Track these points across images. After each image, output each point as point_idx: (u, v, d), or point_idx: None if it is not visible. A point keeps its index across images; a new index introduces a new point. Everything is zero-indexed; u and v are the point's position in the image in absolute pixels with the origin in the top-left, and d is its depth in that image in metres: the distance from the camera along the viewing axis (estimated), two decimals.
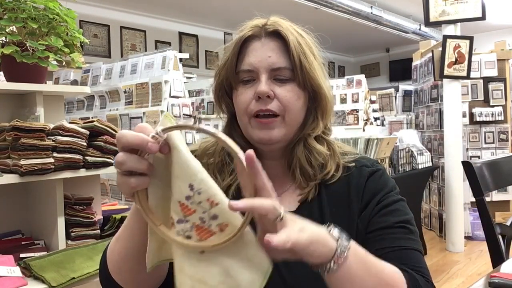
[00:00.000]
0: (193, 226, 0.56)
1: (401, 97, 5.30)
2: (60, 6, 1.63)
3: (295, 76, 0.77)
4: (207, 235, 0.56)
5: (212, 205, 0.55)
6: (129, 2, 7.00)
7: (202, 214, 0.55)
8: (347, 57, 12.17)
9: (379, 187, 0.81)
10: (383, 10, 7.66)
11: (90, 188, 1.85)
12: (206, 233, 0.56)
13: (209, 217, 0.55)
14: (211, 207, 0.55)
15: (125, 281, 0.72)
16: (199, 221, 0.55)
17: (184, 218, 0.56)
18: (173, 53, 3.32)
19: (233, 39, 0.82)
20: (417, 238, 0.78)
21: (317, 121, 0.82)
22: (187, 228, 0.56)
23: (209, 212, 0.55)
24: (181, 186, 0.55)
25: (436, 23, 3.82)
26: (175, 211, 0.56)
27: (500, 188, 1.43)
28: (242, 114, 0.79)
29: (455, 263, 3.52)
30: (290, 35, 0.77)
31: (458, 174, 3.74)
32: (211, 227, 0.55)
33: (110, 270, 0.73)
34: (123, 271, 0.71)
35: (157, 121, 3.19)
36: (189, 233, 0.56)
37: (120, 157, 0.56)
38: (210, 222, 0.55)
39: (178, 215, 0.56)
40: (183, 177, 0.55)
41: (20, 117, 1.58)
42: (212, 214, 0.55)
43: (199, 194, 0.55)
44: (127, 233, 0.69)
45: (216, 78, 0.84)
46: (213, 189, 0.55)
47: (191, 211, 0.55)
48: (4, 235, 1.66)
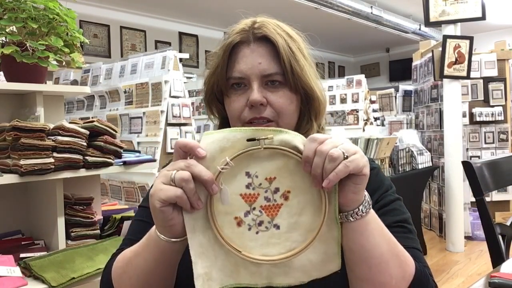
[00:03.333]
0: (261, 209, 0.60)
1: (401, 97, 5.30)
2: (60, 6, 1.62)
3: (287, 81, 0.77)
4: (276, 210, 0.60)
5: (271, 180, 0.60)
6: (129, 2, 7.00)
7: (265, 194, 0.60)
8: (347, 57, 12.17)
9: (375, 186, 0.80)
10: (383, 10, 7.66)
11: (90, 188, 1.85)
12: (274, 209, 0.60)
13: (272, 193, 0.60)
14: (270, 183, 0.60)
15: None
16: (265, 201, 0.60)
17: (250, 207, 0.60)
18: (173, 53, 3.32)
19: (221, 44, 0.81)
20: (415, 237, 0.78)
21: (310, 122, 0.82)
22: (256, 215, 0.60)
23: (270, 189, 0.60)
24: (238, 178, 0.60)
25: (436, 23, 3.82)
26: (238, 206, 0.60)
27: (500, 188, 1.43)
28: (235, 121, 0.79)
29: (455, 263, 3.52)
30: (279, 39, 0.77)
31: (458, 174, 3.74)
32: (276, 201, 0.60)
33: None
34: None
35: (157, 121, 3.20)
36: (260, 219, 0.61)
37: (186, 175, 0.58)
38: (274, 197, 0.60)
39: (243, 208, 0.60)
40: (237, 168, 0.59)
41: (20, 117, 1.58)
42: (273, 189, 0.60)
43: (257, 177, 0.60)
44: (141, 262, 0.68)
45: (206, 84, 0.84)
46: (265, 167, 0.60)
47: (255, 196, 0.60)
48: (4, 235, 1.66)
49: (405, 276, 0.66)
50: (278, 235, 0.61)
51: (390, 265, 0.64)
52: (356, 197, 0.60)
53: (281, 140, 0.59)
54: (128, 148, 2.55)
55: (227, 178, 0.59)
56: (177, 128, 3.27)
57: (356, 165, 0.57)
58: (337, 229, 0.62)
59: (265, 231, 0.61)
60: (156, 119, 3.20)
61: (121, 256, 0.74)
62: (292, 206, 0.61)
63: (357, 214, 0.61)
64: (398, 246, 0.67)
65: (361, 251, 0.63)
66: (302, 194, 0.60)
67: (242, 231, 0.60)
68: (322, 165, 0.57)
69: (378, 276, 0.64)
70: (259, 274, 0.62)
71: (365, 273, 0.64)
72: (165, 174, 0.59)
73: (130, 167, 1.72)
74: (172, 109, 3.23)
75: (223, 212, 0.60)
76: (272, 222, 0.60)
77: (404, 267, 0.66)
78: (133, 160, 1.73)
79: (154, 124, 3.21)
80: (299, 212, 0.61)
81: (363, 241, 0.62)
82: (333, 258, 0.62)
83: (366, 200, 0.62)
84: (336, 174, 0.57)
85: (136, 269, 0.69)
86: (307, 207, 0.61)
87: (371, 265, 0.64)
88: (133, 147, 3.22)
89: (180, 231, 0.61)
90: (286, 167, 0.60)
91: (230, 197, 0.60)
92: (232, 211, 0.60)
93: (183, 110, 3.30)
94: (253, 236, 0.61)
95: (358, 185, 0.59)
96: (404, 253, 0.68)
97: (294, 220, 0.61)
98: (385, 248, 0.64)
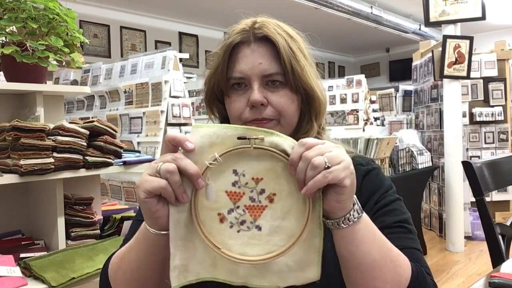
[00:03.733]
0: (245, 209, 0.60)
1: (401, 97, 5.30)
2: (60, 6, 1.62)
3: (287, 81, 0.77)
4: (259, 211, 0.60)
5: (258, 181, 0.60)
6: (129, 2, 7.00)
7: (250, 194, 0.60)
8: (347, 57, 12.16)
9: (375, 187, 0.81)
10: (383, 10, 7.66)
11: (90, 188, 1.85)
12: (258, 210, 0.60)
13: (257, 194, 0.60)
14: (256, 183, 0.60)
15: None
16: (249, 201, 0.60)
17: (234, 205, 0.60)
18: (173, 53, 3.32)
19: (221, 44, 0.81)
20: (416, 237, 0.78)
21: (311, 122, 0.82)
22: (239, 213, 0.60)
23: (256, 189, 0.60)
24: (225, 175, 0.59)
25: (436, 23, 3.82)
26: (223, 203, 0.60)
27: (500, 188, 1.43)
28: (236, 121, 0.79)
29: (455, 263, 3.52)
30: (280, 39, 0.77)
31: (458, 174, 3.74)
32: (261, 202, 0.60)
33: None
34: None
35: (157, 121, 3.19)
36: (242, 218, 0.60)
37: (171, 167, 0.58)
38: (259, 198, 0.60)
39: (227, 205, 0.60)
40: (225, 165, 0.59)
41: (20, 117, 1.58)
42: (259, 189, 0.60)
43: (244, 175, 0.60)
44: (134, 257, 0.69)
45: (207, 85, 0.84)
46: (253, 166, 0.59)
47: (240, 195, 0.60)
48: (4, 235, 1.66)
49: (401, 280, 0.66)
50: (259, 236, 0.60)
51: (383, 271, 0.64)
52: (340, 205, 0.60)
53: (271, 142, 0.59)
54: (128, 148, 2.55)
55: (214, 173, 0.60)
56: (177, 128, 3.27)
57: (335, 176, 0.57)
58: (319, 237, 0.61)
59: (246, 231, 0.61)
60: (156, 119, 3.20)
61: (117, 253, 0.75)
62: (276, 210, 0.60)
63: (348, 221, 0.61)
64: (393, 251, 0.67)
65: (351, 257, 0.63)
66: (287, 199, 0.60)
67: (224, 228, 0.60)
68: (305, 171, 0.57)
69: (372, 282, 0.64)
70: (236, 272, 0.62)
71: (358, 278, 0.65)
72: (152, 166, 0.60)
73: (130, 167, 1.72)
74: (172, 109, 3.23)
75: (207, 207, 0.60)
76: (254, 222, 0.60)
77: (400, 272, 0.66)
78: (133, 160, 1.73)
79: (154, 124, 3.21)
80: (282, 216, 0.60)
81: (353, 248, 0.63)
82: (312, 267, 0.62)
83: (354, 209, 0.62)
84: (314, 183, 0.57)
85: (129, 263, 0.69)
86: (291, 211, 0.60)
87: (363, 271, 0.64)
88: (133, 147, 3.22)
89: (167, 224, 0.62)
90: (273, 170, 0.60)
91: (216, 193, 0.60)
92: (216, 207, 0.60)
93: (183, 110, 3.30)
94: (234, 235, 0.61)
95: (340, 195, 0.59)
96: (399, 257, 0.67)
97: (277, 224, 0.60)
98: (377, 254, 0.64)
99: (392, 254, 0.66)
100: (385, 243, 0.66)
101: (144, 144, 3.26)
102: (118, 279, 0.72)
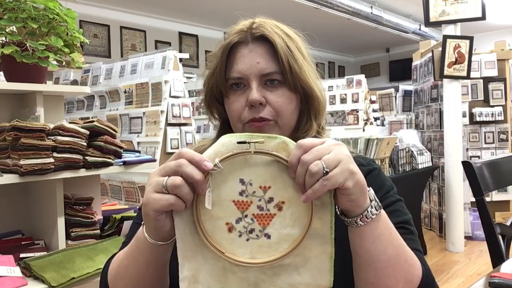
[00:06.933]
0: (253, 217, 0.60)
1: (401, 97, 5.30)
2: (60, 6, 1.62)
3: (286, 80, 0.77)
4: (268, 220, 0.60)
5: (265, 190, 0.59)
6: (129, 2, 6.99)
7: (258, 203, 0.59)
8: (347, 57, 12.16)
9: (376, 188, 0.80)
10: (383, 10, 7.66)
11: (90, 188, 1.85)
12: (266, 218, 0.60)
13: (265, 203, 0.59)
14: (264, 192, 0.59)
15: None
16: (258, 210, 0.59)
17: (242, 214, 0.60)
18: (173, 53, 3.33)
19: (219, 45, 0.81)
20: (417, 238, 0.78)
21: (310, 122, 0.82)
22: (248, 222, 0.60)
23: (264, 198, 0.59)
24: (232, 184, 0.59)
25: (436, 23, 3.81)
26: (231, 212, 0.60)
27: (500, 188, 1.43)
28: (236, 122, 0.79)
29: (455, 263, 3.52)
30: (277, 39, 0.76)
31: (458, 174, 3.74)
32: (269, 211, 0.59)
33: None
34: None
35: (157, 121, 3.19)
36: (251, 226, 0.60)
37: (179, 181, 0.57)
38: (267, 207, 0.59)
39: (235, 214, 0.60)
40: (231, 174, 0.59)
41: (20, 117, 1.58)
42: (267, 198, 0.59)
43: (251, 184, 0.59)
44: (133, 263, 0.69)
45: (206, 86, 0.84)
46: (260, 175, 0.59)
47: (247, 204, 0.59)
48: (4, 235, 1.66)
49: (413, 279, 0.66)
50: (268, 244, 0.60)
51: (397, 270, 0.63)
52: (354, 204, 0.59)
53: (274, 146, 0.58)
54: (128, 148, 2.55)
55: (221, 183, 0.59)
56: (177, 128, 3.27)
57: (334, 182, 0.56)
58: (331, 243, 0.60)
59: (255, 239, 0.60)
60: (156, 119, 3.20)
61: (115, 258, 0.74)
62: (285, 217, 0.60)
63: (366, 218, 0.60)
64: (406, 250, 0.66)
65: (367, 255, 0.62)
66: (296, 206, 0.59)
67: (233, 237, 0.60)
68: (304, 175, 0.56)
69: (385, 280, 0.63)
70: (246, 280, 0.62)
71: (371, 276, 0.64)
72: (157, 182, 0.59)
73: (130, 167, 1.72)
74: (172, 109, 3.23)
75: (214, 217, 0.60)
76: (263, 231, 0.60)
77: (412, 271, 0.66)
78: (133, 160, 1.73)
79: (154, 124, 3.21)
80: (292, 224, 0.60)
81: (368, 246, 0.62)
82: (324, 274, 0.61)
83: (372, 205, 0.60)
84: (312, 192, 0.56)
85: (128, 270, 0.69)
86: (300, 219, 0.60)
87: (377, 269, 0.63)
88: (133, 147, 3.22)
89: (170, 234, 0.62)
90: (281, 177, 0.59)
91: (223, 202, 0.59)
92: (224, 217, 0.60)
93: (183, 110, 3.30)
94: (243, 243, 0.60)
95: (349, 196, 0.58)
96: (412, 256, 0.67)
97: (286, 232, 0.60)
98: (392, 253, 0.63)
99: (406, 253, 0.66)
100: (400, 242, 0.65)
101: (144, 144, 3.26)
102: (118, 284, 0.72)
